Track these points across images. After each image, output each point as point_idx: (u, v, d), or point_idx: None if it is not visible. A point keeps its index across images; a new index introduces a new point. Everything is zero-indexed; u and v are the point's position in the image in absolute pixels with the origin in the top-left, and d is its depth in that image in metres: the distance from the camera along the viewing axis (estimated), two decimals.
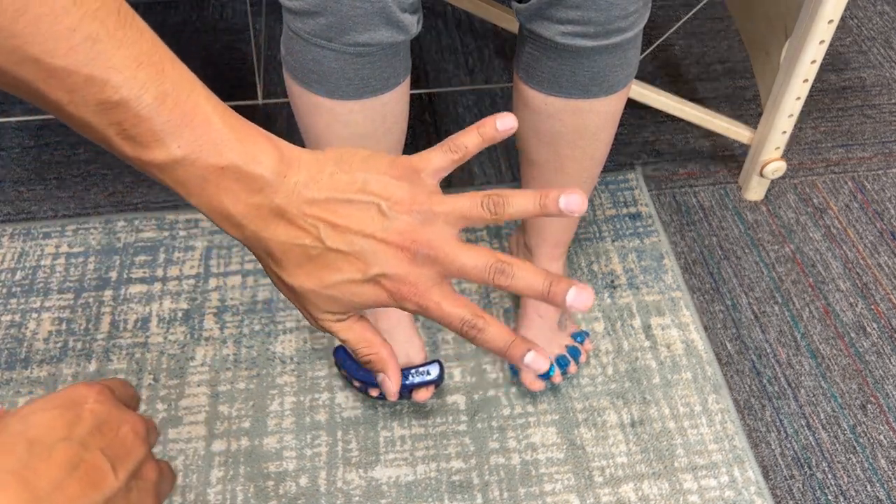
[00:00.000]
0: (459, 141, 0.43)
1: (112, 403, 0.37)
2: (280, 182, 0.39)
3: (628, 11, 0.72)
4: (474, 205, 0.41)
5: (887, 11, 1.60)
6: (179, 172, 0.38)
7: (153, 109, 0.36)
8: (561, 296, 0.39)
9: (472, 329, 0.40)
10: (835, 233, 1.21)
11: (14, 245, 1.15)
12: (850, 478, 0.95)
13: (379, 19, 0.69)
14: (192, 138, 0.37)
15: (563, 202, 0.40)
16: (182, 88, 0.38)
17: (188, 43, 1.49)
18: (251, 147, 0.39)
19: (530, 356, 0.40)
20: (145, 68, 0.37)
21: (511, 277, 0.40)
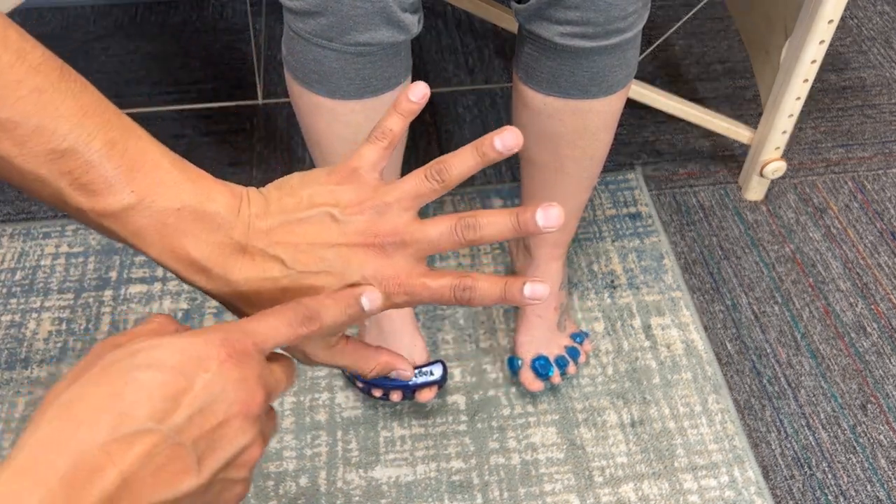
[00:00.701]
0: (384, 126, 0.43)
1: (237, 374, 0.34)
2: (235, 217, 0.39)
3: (627, 12, 0.72)
4: (420, 180, 0.41)
5: (887, 11, 1.60)
6: (136, 220, 0.37)
7: (102, 155, 0.37)
8: (532, 221, 0.39)
9: (465, 291, 0.40)
10: (835, 233, 1.21)
11: (14, 245, 1.15)
12: (850, 478, 0.95)
13: (380, 19, 0.69)
14: (144, 183, 0.37)
15: (499, 143, 0.40)
16: (129, 135, 0.38)
17: (188, 43, 1.49)
18: (202, 186, 0.39)
19: (528, 288, 0.39)
20: (91, 117, 0.37)
21: (478, 228, 0.40)
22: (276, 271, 0.39)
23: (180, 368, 0.33)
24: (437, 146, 1.32)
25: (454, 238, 0.40)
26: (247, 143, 1.30)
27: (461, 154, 0.41)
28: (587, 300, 1.11)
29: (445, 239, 0.40)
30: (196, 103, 1.37)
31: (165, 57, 1.46)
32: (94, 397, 0.31)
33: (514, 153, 0.41)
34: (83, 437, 0.30)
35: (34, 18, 1.53)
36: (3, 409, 0.98)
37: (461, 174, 0.41)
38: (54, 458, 0.29)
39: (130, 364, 0.33)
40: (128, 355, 0.33)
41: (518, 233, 0.40)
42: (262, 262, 0.40)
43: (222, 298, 0.41)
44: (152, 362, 0.33)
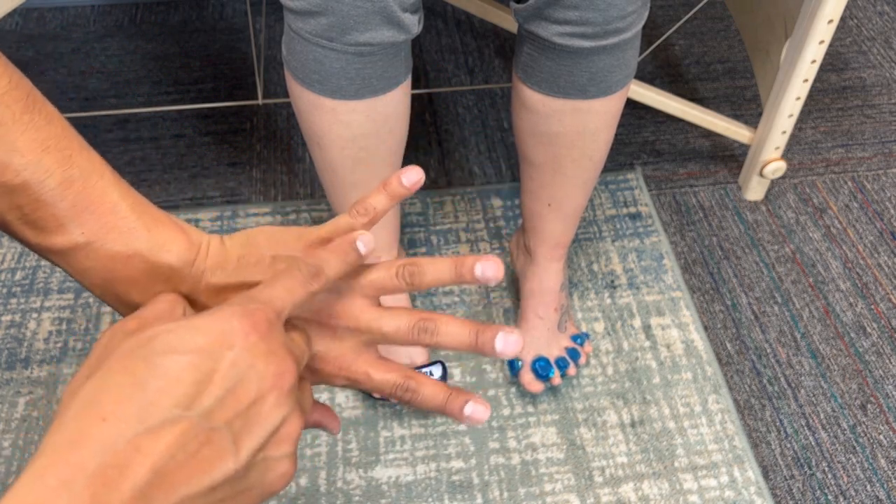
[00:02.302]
0: (368, 203, 0.42)
1: (264, 347, 0.33)
2: (188, 270, 0.38)
3: (626, 12, 0.72)
4: (389, 276, 0.40)
5: (887, 11, 1.60)
6: (82, 260, 0.37)
7: (56, 194, 0.35)
8: (489, 344, 0.38)
9: (406, 392, 0.39)
10: (835, 233, 1.21)
11: (14, 245, 1.15)
12: (850, 478, 0.95)
13: (380, 19, 0.69)
14: (96, 225, 0.36)
15: (479, 270, 0.39)
16: (90, 174, 0.37)
17: (188, 43, 1.49)
18: (158, 234, 0.38)
19: (469, 407, 0.39)
20: (52, 153, 0.36)
21: (435, 334, 0.39)
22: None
23: (204, 349, 0.31)
24: (437, 146, 1.32)
25: (409, 338, 0.39)
26: (247, 143, 1.30)
27: (438, 265, 0.40)
28: (587, 300, 1.11)
29: (401, 336, 0.39)
30: (196, 103, 1.37)
31: (165, 57, 1.46)
32: (115, 390, 0.30)
33: (489, 283, 0.40)
34: (108, 432, 0.29)
35: (34, 18, 1.53)
36: (2, 409, 0.98)
37: (432, 283, 0.40)
38: (80, 457, 0.28)
39: (150, 350, 0.31)
40: (145, 342, 0.32)
41: (473, 350, 0.39)
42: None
43: None
44: (173, 346, 0.31)
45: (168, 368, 0.31)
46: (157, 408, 0.30)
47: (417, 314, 0.40)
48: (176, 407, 0.30)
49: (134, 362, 0.31)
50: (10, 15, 1.53)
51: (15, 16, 1.53)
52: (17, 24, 1.51)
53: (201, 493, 0.30)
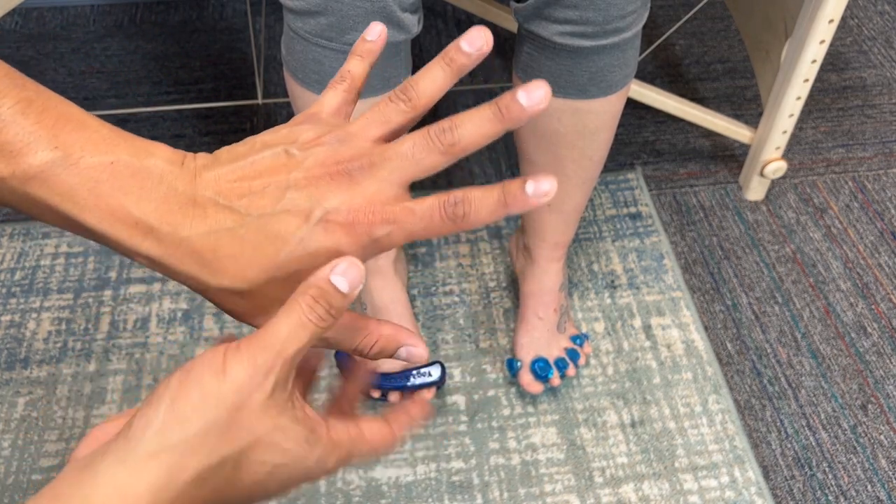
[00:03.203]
0: (343, 69, 0.39)
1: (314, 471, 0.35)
2: (179, 169, 0.34)
3: (626, 11, 0.72)
4: (384, 102, 0.36)
5: (888, 11, 1.60)
6: (64, 178, 0.32)
7: (17, 112, 0.32)
8: (515, 109, 0.33)
9: (458, 206, 0.34)
10: (835, 233, 1.21)
11: (13, 245, 1.15)
12: (850, 478, 0.95)
13: (379, 19, 0.69)
14: (69, 139, 0.33)
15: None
16: (48, 96, 0.34)
17: (188, 43, 1.49)
18: (136, 144, 0.34)
19: (530, 185, 0.33)
20: (2, 79, 0.33)
21: (456, 129, 0.34)
22: (231, 221, 0.33)
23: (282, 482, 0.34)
24: None
25: (430, 145, 0.34)
26: None
27: (429, 68, 0.36)
28: (587, 300, 1.11)
29: (421, 149, 0.34)
30: (196, 103, 1.37)
31: (165, 57, 1.46)
32: (221, 482, 0.32)
33: (485, 54, 0.35)
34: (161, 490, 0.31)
35: (34, 18, 1.53)
36: (2, 409, 0.98)
37: (431, 92, 0.36)
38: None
39: (265, 462, 0.33)
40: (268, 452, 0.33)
41: (502, 123, 0.34)
42: (215, 213, 0.33)
43: (175, 268, 0.34)
44: (279, 471, 0.34)
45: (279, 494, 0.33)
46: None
47: (428, 126, 0.35)
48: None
49: (253, 466, 0.32)
50: (10, 14, 1.53)
51: (15, 16, 1.53)
52: (17, 23, 1.51)
53: None
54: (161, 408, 0.30)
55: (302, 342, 0.32)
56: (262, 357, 0.31)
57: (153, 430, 0.30)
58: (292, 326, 0.32)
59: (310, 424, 0.34)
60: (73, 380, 1.00)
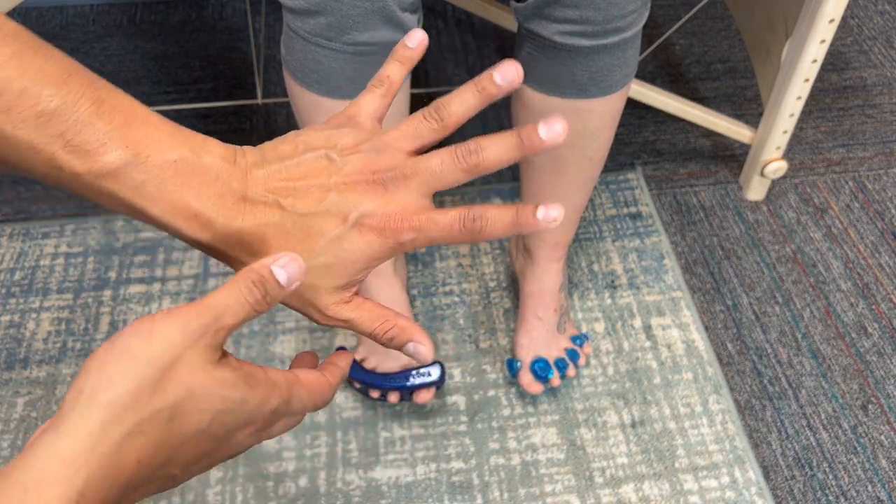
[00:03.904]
0: (380, 73, 0.43)
1: (262, 435, 0.38)
2: (232, 167, 0.39)
3: (627, 11, 0.72)
4: (418, 120, 0.40)
5: (888, 11, 1.60)
6: (135, 176, 0.37)
7: (92, 114, 0.36)
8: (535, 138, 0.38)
9: (476, 221, 0.38)
10: (836, 233, 1.20)
11: (13, 245, 1.15)
12: (851, 478, 0.95)
13: (379, 19, 0.69)
14: (137, 137, 0.37)
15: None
16: (114, 94, 0.37)
17: (187, 42, 1.49)
18: (195, 141, 0.39)
19: (541, 211, 0.38)
20: (75, 77, 0.36)
21: (480, 151, 0.39)
22: (277, 216, 0.39)
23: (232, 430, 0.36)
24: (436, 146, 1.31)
25: (456, 164, 0.39)
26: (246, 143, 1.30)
27: (460, 92, 0.40)
28: (587, 300, 1.10)
29: (448, 167, 0.39)
30: (195, 103, 1.37)
31: (165, 56, 1.46)
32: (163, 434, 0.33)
33: (515, 87, 0.39)
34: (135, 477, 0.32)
35: (34, 18, 1.53)
36: (1, 410, 0.97)
37: (461, 113, 0.40)
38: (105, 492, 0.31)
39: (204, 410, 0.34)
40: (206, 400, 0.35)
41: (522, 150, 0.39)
42: (263, 208, 0.39)
43: (225, 252, 0.40)
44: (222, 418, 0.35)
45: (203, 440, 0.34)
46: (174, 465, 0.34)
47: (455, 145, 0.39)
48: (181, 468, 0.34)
49: (192, 416, 0.33)
50: (10, 14, 1.53)
51: (15, 15, 1.53)
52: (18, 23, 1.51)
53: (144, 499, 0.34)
54: (90, 376, 0.32)
55: (238, 318, 0.35)
56: (196, 322, 0.34)
57: (84, 396, 0.32)
58: (230, 302, 0.35)
59: (247, 370, 0.36)
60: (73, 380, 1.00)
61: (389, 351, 0.95)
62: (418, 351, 0.42)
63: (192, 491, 0.91)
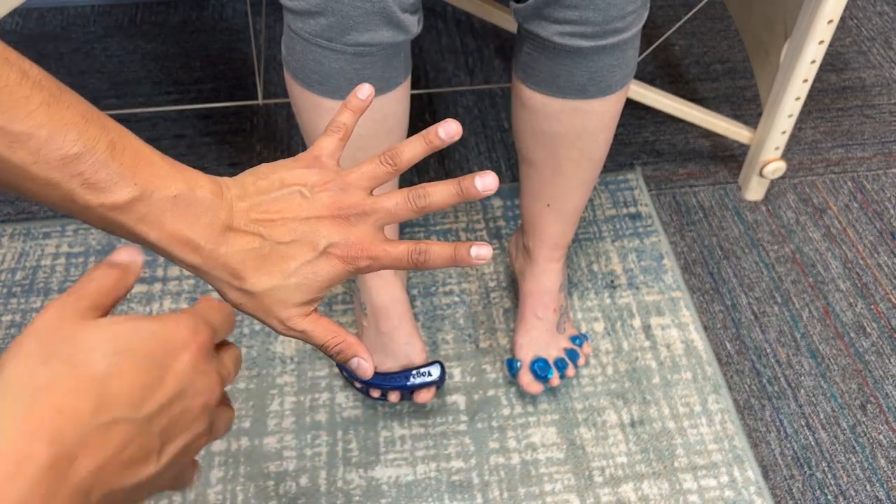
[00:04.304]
0: (337, 120, 0.50)
1: (202, 366, 0.38)
2: (220, 201, 0.45)
3: (626, 12, 0.72)
4: (375, 164, 0.48)
5: (887, 12, 1.61)
6: (139, 209, 0.42)
7: (108, 156, 0.41)
8: (472, 187, 0.46)
9: (420, 255, 0.46)
10: (834, 233, 1.21)
11: (14, 245, 1.15)
12: (849, 477, 0.95)
13: (379, 19, 0.69)
14: (143, 177, 0.42)
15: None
16: (123, 137, 0.42)
17: (188, 43, 1.49)
18: (189, 177, 0.44)
19: (474, 250, 0.46)
20: (92, 123, 0.41)
21: (427, 196, 0.47)
22: (257, 243, 0.45)
23: (157, 356, 0.36)
24: None
25: (408, 206, 0.47)
26: (247, 144, 1.30)
27: (410, 142, 0.48)
28: (587, 300, 1.11)
29: (401, 208, 0.47)
30: (196, 103, 1.37)
31: (165, 57, 1.46)
32: (74, 381, 0.33)
33: (455, 140, 0.47)
34: (64, 425, 0.31)
35: (34, 18, 1.53)
36: None
37: (410, 159, 0.48)
38: (36, 448, 0.30)
39: (111, 347, 0.35)
40: (108, 337, 0.35)
41: (461, 198, 0.47)
42: (245, 236, 0.45)
43: (209, 272, 0.46)
44: (131, 347, 0.35)
45: (125, 369, 0.34)
46: (110, 407, 0.33)
47: (408, 188, 0.47)
48: (127, 408, 0.34)
49: (94, 356, 0.34)
50: (11, 15, 1.53)
51: (15, 16, 1.53)
52: (17, 24, 1.52)
53: (127, 489, 0.34)
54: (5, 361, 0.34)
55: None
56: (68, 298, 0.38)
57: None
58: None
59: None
60: None
61: (389, 351, 0.95)
62: (360, 366, 0.49)
63: (193, 490, 0.92)
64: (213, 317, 0.41)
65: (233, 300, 0.47)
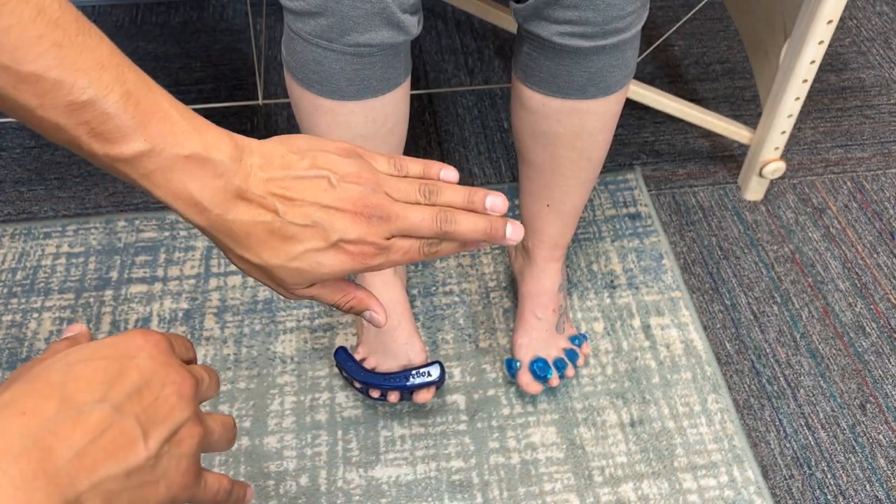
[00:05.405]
0: (407, 163, 0.48)
1: (164, 359, 0.38)
2: (237, 166, 0.43)
3: (626, 12, 0.73)
4: (415, 187, 0.46)
5: (886, 12, 1.61)
6: (146, 164, 0.40)
7: (119, 107, 0.39)
8: (501, 231, 0.46)
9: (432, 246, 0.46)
10: (834, 233, 1.21)
11: (15, 245, 1.15)
12: (849, 477, 0.95)
13: (379, 20, 0.69)
14: (156, 132, 0.40)
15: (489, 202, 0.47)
16: (142, 88, 0.40)
17: (188, 43, 1.49)
18: (208, 136, 0.42)
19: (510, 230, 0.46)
20: (108, 70, 0.39)
21: (454, 223, 0.45)
22: (269, 217, 0.43)
23: (112, 356, 0.36)
24: (437, 146, 1.32)
25: (433, 225, 0.45)
26: None
27: (457, 190, 0.47)
28: (587, 300, 1.11)
29: (426, 224, 0.45)
30: (196, 104, 1.37)
31: (166, 57, 1.46)
32: (33, 392, 0.33)
33: (499, 213, 0.47)
34: (29, 423, 0.32)
35: None
36: None
37: (446, 203, 0.46)
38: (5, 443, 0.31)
39: (64, 362, 0.35)
40: (59, 358, 0.36)
41: (487, 237, 0.46)
42: (258, 207, 0.43)
43: (214, 235, 0.44)
44: (85, 356, 0.36)
45: (82, 372, 0.35)
46: (73, 402, 0.33)
47: (440, 207, 0.46)
48: (92, 399, 0.34)
49: (49, 371, 0.35)
50: None
51: None
52: None
53: (119, 476, 0.33)
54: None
55: None
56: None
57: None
58: None
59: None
60: None
61: (389, 351, 0.95)
62: (373, 318, 0.50)
63: None
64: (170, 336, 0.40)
65: (235, 264, 0.46)
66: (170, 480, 0.36)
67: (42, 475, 0.30)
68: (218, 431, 0.41)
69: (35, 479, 0.30)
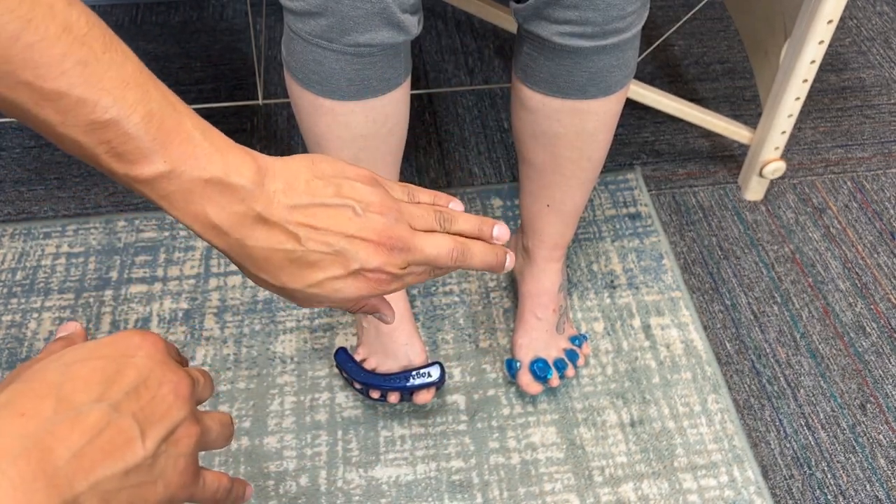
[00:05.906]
0: (421, 194, 0.49)
1: (160, 359, 0.38)
2: (259, 191, 0.42)
3: (626, 12, 0.73)
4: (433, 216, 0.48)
5: (886, 12, 1.61)
6: (165, 186, 0.40)
7: (140, 128, 0.38)
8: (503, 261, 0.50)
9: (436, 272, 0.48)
10: (834, 233, 1.21)
11: (14, 245, 1.15)
12: (849, 477, 0.95)
13: (379, 20, 0.69)
14: (176, 154, 0.40)
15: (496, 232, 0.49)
16: (165, 107, 0.40)
17: (188, 43, 1.49)
18: (231, 159, 0.42)
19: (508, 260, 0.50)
20: (132, 89, 0.38)
21: (470, 258, 0.48)
22: (290, 244, 0.43)
23: (109, 356, 0.36)
24: (437, 146, 1.32)
25: (450, 259, 0.47)
26: (247, 144, 1.30)
27: (469, 218, 0.49)
28: (587, 300, 1.11)
29: (442, 258, 0.47)
30: (196, 103, 1.37)
31: (166, 57, 1.46)
32: (31, 393, 0.33)
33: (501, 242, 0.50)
34: (27, 424, 0.32)
35: None
36: None
37: (460, 231, 0.49)
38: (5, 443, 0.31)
39: (61, 363, 0.35)
40: (56, 358, 0.36)
41: (491, 269, 0.49)
42: (280, 234, 0.43)
43: (233, 257, 0.44)
44: (81, 356, 0.36)
45: (79, 372, 0.35)
46: (70, 402, 0.33)
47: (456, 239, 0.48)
48: (89, 398, 0.34)
49: (46, 372, 0.35)
50: None
51: None
52: None
53: (117, 475, 0.33)
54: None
55: None
56: None
57: None
58: None
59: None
60: None
61: (389, 351, 0.95)
62: (383, 319, 0.52)
63: None
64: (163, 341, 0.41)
65: (252, 280, 0.46)
66: (168, 480, 0.36)
67: (41, 476, 0.30)
68: (215, 430, 0.41)
69: (34, 480, 0.30)
